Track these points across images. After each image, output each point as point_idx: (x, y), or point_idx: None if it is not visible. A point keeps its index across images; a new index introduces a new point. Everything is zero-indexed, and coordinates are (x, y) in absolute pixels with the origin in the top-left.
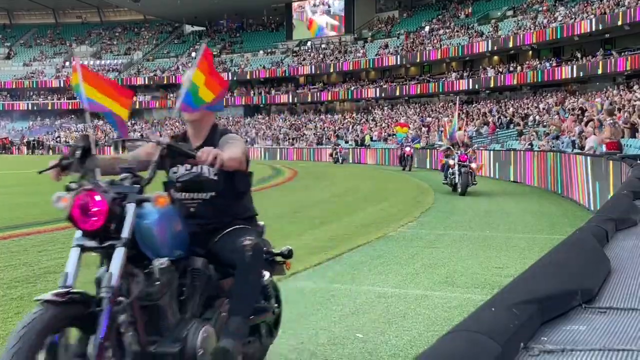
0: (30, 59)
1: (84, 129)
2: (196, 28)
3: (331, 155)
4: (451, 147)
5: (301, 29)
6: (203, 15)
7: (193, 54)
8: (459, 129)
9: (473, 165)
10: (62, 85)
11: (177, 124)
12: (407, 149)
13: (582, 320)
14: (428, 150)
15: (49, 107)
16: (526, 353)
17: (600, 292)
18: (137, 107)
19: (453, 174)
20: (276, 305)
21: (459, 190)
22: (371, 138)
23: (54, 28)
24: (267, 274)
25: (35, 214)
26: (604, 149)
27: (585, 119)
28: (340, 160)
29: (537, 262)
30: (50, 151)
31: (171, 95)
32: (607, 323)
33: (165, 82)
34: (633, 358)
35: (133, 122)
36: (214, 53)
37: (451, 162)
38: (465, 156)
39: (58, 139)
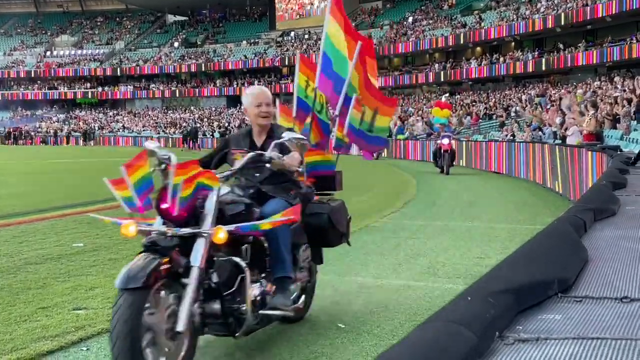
0: (11, 49)
1: (65, 119)
2: (179, 18)
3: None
4: None
5: (284, 18)
6: (186, 5)
7: (175, 44)
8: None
9: None
10: (43, 75)
11: (160, 114)
12: (445, 140)
13: (558, 309)
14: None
15: (30, 97)
16: (501, 342)
17: (576, 281)
18: (119, 97)
19: None
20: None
21: None
22: None
23: (35, 17)
24: None
25: (16, 204)
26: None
27: (564, 106)
28: (375, 155)
29: (514, 252)
30: (32, 142)
31: (152, 85)
32: (582, 312)
33: (147, 72)
34: (607, 346)
35: (115, 112)
36: (198, 43)
37: None
38: None
39: (39, 129)
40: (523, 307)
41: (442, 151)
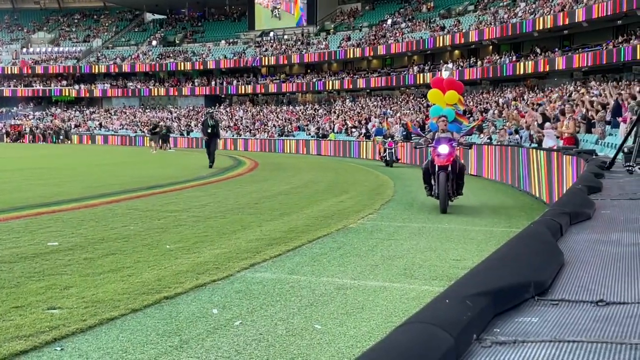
0: None
1: (42, 116)
2: (157, 16)
3: (379, 153)
4: None
5: (263, 18)
6: (164, 3)
7: (154, 42)
8: None
9: None
10: (19, 72)
11: (138, 112)
12: (442, 149)
13: (534, 312)
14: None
15: (5, 94)
16: (479, 344)
17: (552, 284)
18: (96, 95)
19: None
20: None
21: None
22: (333, 130)
23: (12, 14)
24: None
25: None
26: (561, 143)
27: (539, 111)
28: (390, 162)
29: (491, 255)
30: (7, 138)
31: (130, 83)
32: (559, 315)
33: (124, 70)
34: (582, 349)
35: (92, 110)
36: (176, 42)
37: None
38: None
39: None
40: (500, 309)
41: (436, 169)
